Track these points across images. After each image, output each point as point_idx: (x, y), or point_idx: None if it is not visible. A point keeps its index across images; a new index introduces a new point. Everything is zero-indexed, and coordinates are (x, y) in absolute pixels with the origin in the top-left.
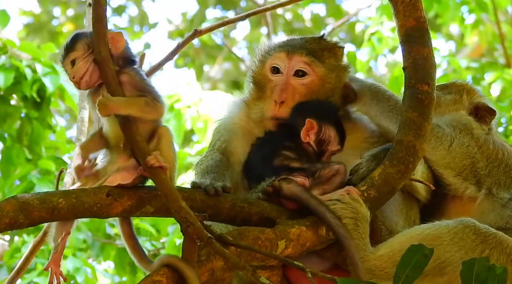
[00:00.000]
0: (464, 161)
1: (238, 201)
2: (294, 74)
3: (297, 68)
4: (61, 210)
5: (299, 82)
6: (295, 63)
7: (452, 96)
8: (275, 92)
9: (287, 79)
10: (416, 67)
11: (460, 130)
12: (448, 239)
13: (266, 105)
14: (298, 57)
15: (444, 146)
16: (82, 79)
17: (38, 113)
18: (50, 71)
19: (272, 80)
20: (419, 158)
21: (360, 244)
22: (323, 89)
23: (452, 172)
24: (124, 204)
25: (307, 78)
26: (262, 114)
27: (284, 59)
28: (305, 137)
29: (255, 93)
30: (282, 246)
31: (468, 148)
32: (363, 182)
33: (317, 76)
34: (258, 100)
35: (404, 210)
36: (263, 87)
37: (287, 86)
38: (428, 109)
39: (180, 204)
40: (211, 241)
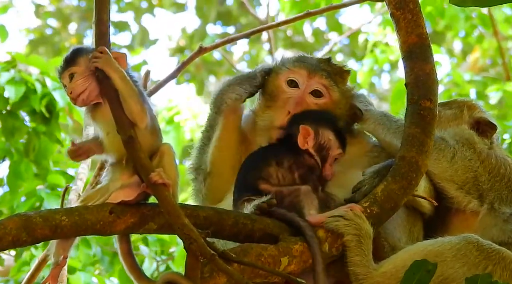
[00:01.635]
0: (467, 174)
1: (241, 217)
2: (311, 92)
3: (315, 88)
4: (64, 228)
5: (314, 101)
6: (314, 83)
7: (452, 111)
8: (290, 104)
9: (303, 95)
10: (418, 84)
11: (462, 143)
12: (451, 255)
13: (277, 114)
14: (318, 79)
15: (446, 158)
16: (80, 96)
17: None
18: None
19: (286, 92)
20: (422, 174)
21: (363, 260)
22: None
23: (455, 185)
24: (127, 221)
25: (322, 100)
26: (271, 122)
27: (304, 76)
28: (303, 144)
29: (264, 102)
30: (285, 263)
31: (470, 162)
32: (366, 198)
33: (332, 99)
34: (267, 109)
35: (407, 226)
36: (275, 97)
37: (302, 101)
38: (431, 125)
39: (183, 221)
40: (214, 258)
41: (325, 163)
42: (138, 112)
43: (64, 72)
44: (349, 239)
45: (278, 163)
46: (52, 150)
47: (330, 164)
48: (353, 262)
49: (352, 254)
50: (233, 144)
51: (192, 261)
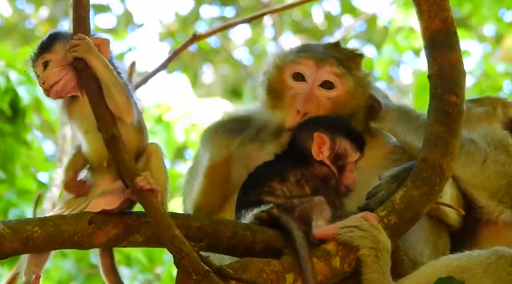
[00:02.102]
0: (500, 180)
1: (240, 228)
2: (320, 85)
3: (325, 79)
4: (37, 240)
5: (325, 94)
6: (324, 73)
7: (484, 109)
8: (298, 101)
9: (312, 89)
10: (443, 76)
11: (495, 146)
12: (480, 272)
13: (286, 114)
14: (329, 67)
15: (477, 163)
16: (53, 87)
17: (12, 128)
18: (25, 79)
19: (292, 88)
20: (447, 179)
21: (381, 278)
22: (349, 105)
23: (486, 193)
24: (109, 232)
25: (334, 92)
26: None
27: (311, 67)
28: (318, 154)
29: (270, 102)
30: (290, 280)
31: (504, 167)
32: (383, 207)
33: (345, 90)
34: (273, 109)
35: (430, 239)
36: (281, 94)
37: (312, 96)
38: (457, 123)
39: (174, 232)
40: (209, 275)
41: (344, 171)
42: (123, 104)
43: (37, 60)
44: (366, 253)
45: (282, 178)
46: (19, 153)
47: (351, 171)
48: (369, 279)
49: (369, 270)
50: (219, 188)
51: (184, 278)
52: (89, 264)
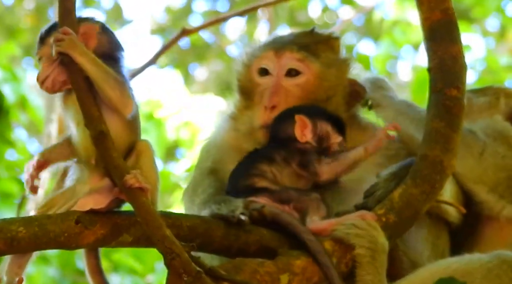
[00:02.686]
0: (499, 173)
1: (233, 228)
2: (286, 74)
3: (289, 67)
4: (22, 241)
5: (292, 82)
6: (286, 61)
7: (486, 99)
8: (265, 97)
9: (278, 80)
10: (443, 69)
11: (494, 137)
12: (481, 276)
13: (255, 113)
14: (289, 54)
15: (473, 155)
16: (43, 83)
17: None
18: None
19: (260, 84)
20: (448, 176)
21: (375, 280)
22: (321, 89)
23: (485, 188)
24: (96, 232)
25: (301, 78)
26: (251, 125)
27: (272, 58)
28: (302, 136)
29: (242, 102)
30: (285, 281)
31: (504, 159)
32: (381, 205)
33: (313, 74)
34: (246, 110)
35: (430, 239)
36: (251, 93)
37: (278, 88)
38: (458, 118)
39: (164, 232)
40: (201, 276)
41: (328, 152)
42: (118, 98)
43: (36, 55)
44: (361, 254)
45: (269, 160)
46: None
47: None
48: (364, 281)
49: (364, 272)
50: None
51: (174, 280)
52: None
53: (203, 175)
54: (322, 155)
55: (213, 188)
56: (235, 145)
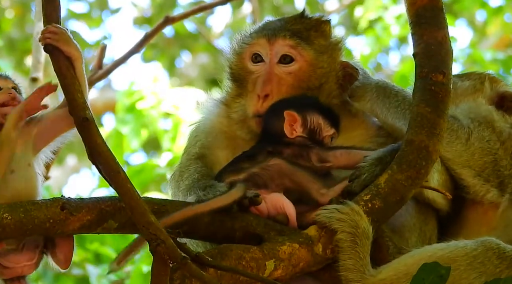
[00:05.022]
0: (485, 158)
1: (218, 214)
2: (279, 61)
3: (282, 54)
4: (7, 227)
5: (285, 70)
6: (279, 48)
7: (471, 83)
8: (258, 85)
9: (271, 68)
10: (429, 54)
11: (479, 122)
12: (466, 264)
13: (248, 101)
14: (281, 41)
15: (460, 140)
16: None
17: None
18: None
19: (253, 71)
20: (433, 162)
21: (357, 265)
22: (314, 76)
23: (472, 172)
24: (82, 219)
25: (294, 65)
26: (244, 113)
27: (265, 46)
28: (291, 132)
29: (235, 90)
30: (271, 267)
31: (489, 143)
32: (367, 190)
33: (306, 61)
34: (238, 97)
35: (417, 225)
36: (243, 81)
37: (271, 76)
38: (443, 103)
39: (149, 219)
40: (186, 262)
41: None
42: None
43: None
44: (342, 238)
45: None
46: None
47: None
48: (345, 266)
49: (345, 256)
50: None
51: (160, 267)
52: None
53: (190, 160)
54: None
55: (199, 173)
56: (227, 132)
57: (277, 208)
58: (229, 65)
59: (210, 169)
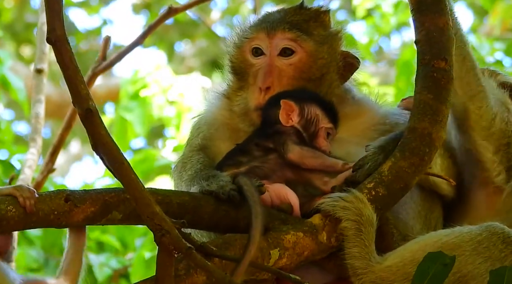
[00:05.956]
0: (501, 140)
1: (222, 204)
2: (279, 54)
3: (282, 47)
4: (11, 220)
5: (286, 62)
6: (278, 41)
7: None
8: (259, 78)
9: (271, 60)
10: (431, 41)
11: (500, 102)
12: (471, 249)
13: (250, 94)
14: (281, 34)
15: (489, 115)
16: None
17: None
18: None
19: (254, 64)
20: (437, 149)
21: (363, 252)
22: (315, 67)
23: (490, 148)
24: (86, 210)
25: (294, 57)
26: (246, 105)
27: (264, 39)
28: (287, 120)
29: (236, 83)
30: (276, 256)
31: (507, 126)
32: (370, 178)
33: (306, 52)
34: (240, 90)
35: (422, 213)
36: (244, 74)
37: (272, 68)
38: (446, 90)
39: (153, 209)
40: (191, 252)
41: (317, 138)
42: None
43: None
44: (347, 226)
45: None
46: None
47: (324, 138)
48: (351, 254)
49: (350, 244)
50: None
51: (165, 257)
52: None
53: (193, 151)
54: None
55: (201, 164)
56: (229, 124)
57: (280, 198)
58: (230, 58)
59: (212, 160)
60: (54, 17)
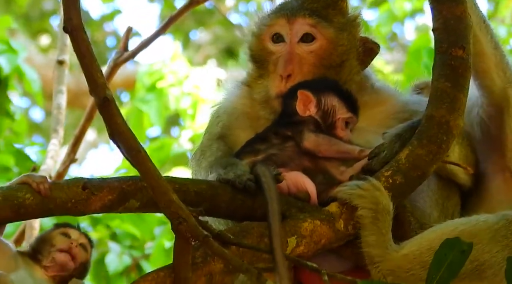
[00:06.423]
0: None
1: (239, 193)
2: (300, 40)
3: (302, 33)
4: (29, 208)
5: (306, 49)
6: (299, 27)
7: None
8: (279, 65)
9: (292, 47)
10: (448, 29)
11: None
12: (488, 238)
13: (271, 82)
14: (301, 20)
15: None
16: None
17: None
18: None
19: (273, 52)
20: (454, 137)
21: (379, 240)
22: (335, 53)
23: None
24: (103, 198)
25: (315, 44)
26: (267, 93)
27: (285, 25)
28: (304, 110)
29: (256, 71)
30: (293, 244)
31: None
32: (387, 166)
33: (327, 39)
34: (260, 78)
35: (439, 201)
36: (264, 62)
37: (293, 56)
38: (463, 78)
39: (170, 197)
40: (208, 240)
41: (335, 129)
42: None
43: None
44: (364, 215)
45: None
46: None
47: (342, 128)
48: (367, 242)
49: (367, 232)
50: None
51: (182, 245)
52: None
53: (212, 140)
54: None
55: (221, 152)
56: (249, 112)
57: (297, 186)
58: (249, 46)
59: (231, 149)
60: (70, 6)
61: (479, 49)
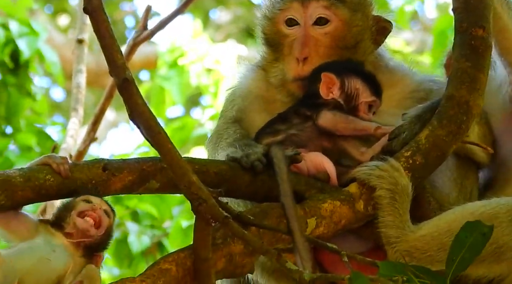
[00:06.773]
0: None
1: (260, 174)
2: (314, 23)
3: (317, 16)
4: (50, 189)
5: (321, 31)
6: (313, 10)
7: None
8: (295, 48)
9: (306, 30)
10: (468, 8)
11: None
12: (508, 220)
13: (286, 65)
14: (315, 3)
15: None
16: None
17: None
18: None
19: (288, 35)
20: (474, 117)
21: (397, 221)
22: (350, 34)
23: None
24: (124, 179)
25: (329, 25)
26: (283, 77)
27: (299, 9)
28: (327, 93)
29: (271, 55)
30: (313, 225)
31: None
32: (407, 147)
33: (341, 20)
34: (276, 62)
35: (458, 180)
36: (279, 45)
37: (308, 38)
38: (484, 58)
39: (191, 178)
40: (228, 221)
41: (358, 112)
42: None
43: None
44: (381, 195)
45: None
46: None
47: (364, 112)
48: (384, 222)
49: (384, 213)
50: None
51: (202, 226)
52: None
53: (228, 123)
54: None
55: (239, 134)
56: (265, 96)
57: (317, 166)
58: (262, 30)
59: (247, 132)
60: None
61: (502, 26)
